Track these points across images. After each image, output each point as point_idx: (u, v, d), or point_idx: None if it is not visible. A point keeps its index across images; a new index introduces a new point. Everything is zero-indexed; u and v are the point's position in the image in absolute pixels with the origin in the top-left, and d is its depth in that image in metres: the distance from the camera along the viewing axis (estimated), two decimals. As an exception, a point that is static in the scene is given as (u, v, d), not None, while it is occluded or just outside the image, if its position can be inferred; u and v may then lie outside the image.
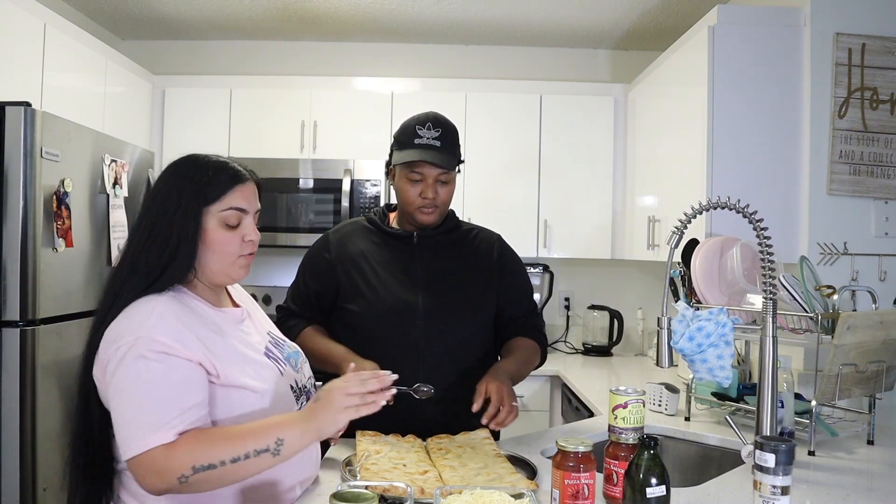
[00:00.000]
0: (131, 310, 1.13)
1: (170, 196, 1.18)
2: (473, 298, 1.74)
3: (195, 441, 1.07)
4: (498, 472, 1.31)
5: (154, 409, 1.06)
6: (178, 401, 1.08)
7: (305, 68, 3.79)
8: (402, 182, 1.68)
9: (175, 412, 1.07)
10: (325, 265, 1.75)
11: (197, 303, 1.22)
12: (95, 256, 2.38)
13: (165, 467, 1.04)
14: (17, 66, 2.38)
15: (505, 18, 3.42)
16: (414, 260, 1.73)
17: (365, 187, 3.28)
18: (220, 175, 1.20)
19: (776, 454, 1.11)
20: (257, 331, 1.32)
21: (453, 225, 1.80)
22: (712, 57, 2.37)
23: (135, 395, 1.08)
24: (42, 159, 2.06)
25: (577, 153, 3.43)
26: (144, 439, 1.05)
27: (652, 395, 2.02)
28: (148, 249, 1.17)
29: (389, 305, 1.67)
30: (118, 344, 1.10)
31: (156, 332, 1.09)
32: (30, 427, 2.01)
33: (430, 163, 1.63)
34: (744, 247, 1.94)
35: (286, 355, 1.33)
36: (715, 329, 1.49)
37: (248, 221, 1.24)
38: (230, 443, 1.08)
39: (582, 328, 3.65)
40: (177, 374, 1.09)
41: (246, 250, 1.24)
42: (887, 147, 2.29)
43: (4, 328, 2.00)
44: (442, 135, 1.66)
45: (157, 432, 1.05)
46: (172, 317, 1.13)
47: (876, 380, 1.69)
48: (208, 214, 1.19)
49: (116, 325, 1.13)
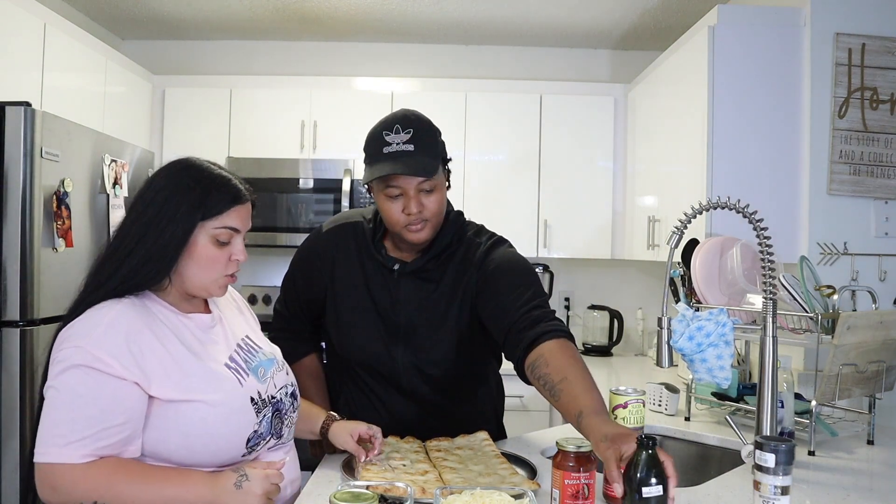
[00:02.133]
0: (88, 314, 1.12)
1: (167, 204, 1.15)
2: (459, 331, 1.54)
3: (110, 475, 1.05)
4: (499, 472, 1.31)
5: (70, 423, 1.05)
6: (98, 419, 1.05)
7: (305, 68, 3.79)
8: (380, 200, 1.46)
9: (91, 431, 1.05)
10: (316, 273, 1.62)
11: (160, 308, 1.19)
12: (95, 256, 2.38)
13: (67, 488, 1.04)
14: (17, 66, 2.38)
15: (505, 18, 3.42)
16: (395, 296, 1.54)
17: (365, 187, 3.27)
18: (221, 192, 1.18)
19: (776, 454, 1.11)
20: (225, 338, 1.26)
21: (441, 247, 1.53)
22: (712, 57, 2.37)
23: (59, 402, 1.06)
24: (42, 159, 2.06)
25: (577, 153, 3.43)
26: (52, 451, 1.04)
27: (652, 395, 2.02)
28: (135, 254, 1.15)
29: (367, 343, 1.55)
30: (62, 347, 1.10)
31: (95, 347, 1.07)
32: (30, 427, 2.00)
33: (404, 174, 1.40)
34: (744, 247, 1.94)
35: (255, 364, 1.26)
36: (715, 329, 1.49)
37: (238, 241, 1.22)
38: (143, 488, 1.07)
39: (582, 328, 3.65)
40: (105, 392, 1.06)
41: (230, 270, 1.22)
42: (887, 147, 2.29)
43: (4, 328, 2.00)
44: (414, 136, 1.42)
45: (66, 448, 1.04)
46: (122, 329, 1.10)
47: (876, 380, 1.69)
48: (202, 229, 1.17)
49: (72, 325, 1.12)
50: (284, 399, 1.28)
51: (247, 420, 1.18)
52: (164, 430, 1.12)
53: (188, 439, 1.12)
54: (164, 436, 1.12)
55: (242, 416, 1.17)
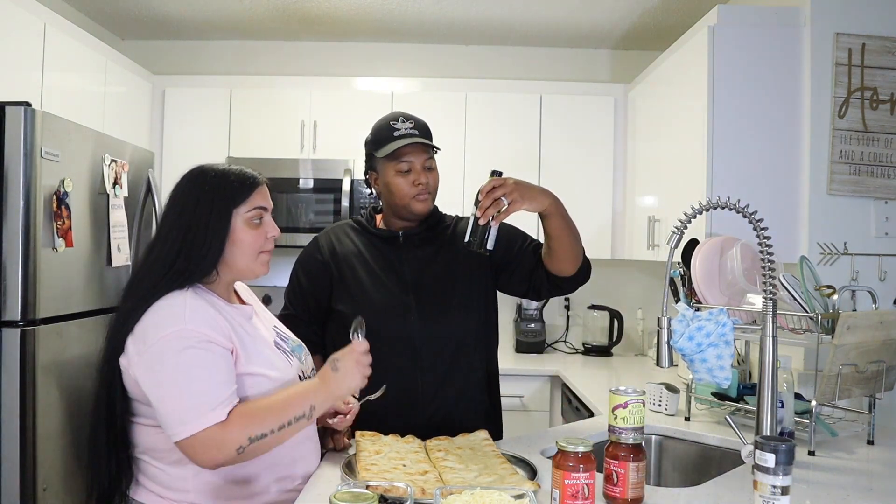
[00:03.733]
0: (161, 304, 1.24)
1: (200, 205, 1.29)
2: (464, 291, 1.75)
3: (246, 416, 1.20)
4: (499, 472, 1.31)
5: (206, 392, 1.18)
6: (226, 384, 1.21)
7: (305, 68, 3.79)
8: (389, 177, 1.69)
9: (225, 394, 1.20)
10: (318, 266, 1.77)
11: (214, 299, 1.32)
12: (95, 256, 2.38)
13: (224, 441, 1.17)
14: (17, 66, 2.38)
15: (505, 18, 3.42)
16: (402, 259, 1.74)
17: (365, 187, 3.28)
18: (240, 180, 1.33)
19: (776, 454, 1.11)
20: (265, 326, 1.43)
21: (436, 220, 1.81)
22: (712, 57, 2.37)
23: (185, 380, 1.19)
24: (42, 159, 2.06)
25: (577, 153, 3.43)
26: (200, 420, 1.17)
27: (652, 395, 2.02)
28: (184, 253, 1.27)
29: (382, 305, 1.68)
30: (158, 336, 1.20)
31: (196, 324, 1.22)
32: (30, 427, 2.01)
33: (419, 143, 1.66)
34: (744, 247, 1.94)
35: (291, 348, 1.44)
36: (715, 329, 1.49)
37: (268, 219, 1.37)
38: (274, 413, 1.22)
39: (582, 328, 3.65)
40: (221, 361, 1.22)
41: (268, 246, 1.37)
42: (887, 147, 2.29)
43: (4, 328, 2.00)
44: (416, 126, 1.70)
45: (212, 412, 1.17)
46: (203, 309, 1.25)
47: (876, 380, 1.69)
48: (237, 216, 1.31)
49: (149, 318, 1.23)
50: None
51: None
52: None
53: None
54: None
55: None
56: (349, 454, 1.45)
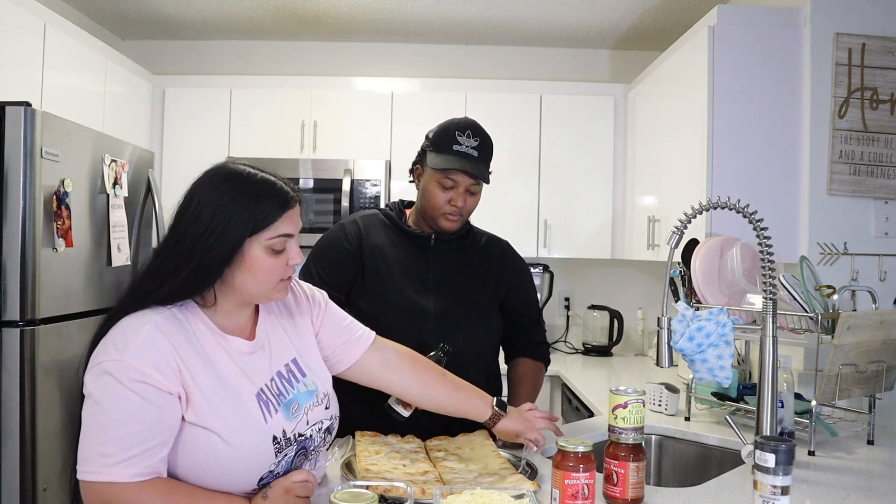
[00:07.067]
0: (124, 323, 1.10)
1: (213, 222, 1.10)
2: (483, 305, 1.75)
3: (164, 496, 1.04)
4: (499, 472, 1.31)
5: (117, 441, 1.03)
6: (146, 438, 1.04)
7: (305, 68, 3.79)
8: (431, 185, 1.67)
9: (139, 448, 1.03)
10: (346, 255, 1.69)
11: (200, 325, 1.15)
12: (95, 256, 2.38)
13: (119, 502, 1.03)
14: (17, 66, 2.38)
15: (505, 18, 3.42)
16: (428, 262, 1.73)
17: (365, 187, 3.28)
18: (269, 200, 1.13)
19: (776, 454, 1.11)
20: (264, 366, 1.20)
21: (466, 230, 1.81)
22: (712, 57, 2.37)
23: (103, 418, 1.04)
24: (42, 159, 2.06)
25: (577, 153, 3.44)
26: (101, 471, 1.02)
27: (652, 395, 2.02)
28: (180, 271, 1.11)
29: (402, 306, 1.67)
30: (96, 360, 1.07)
31: (138, 360, 1.05)
32: (30, 427, 2.01)
33: (467, 172, 1.63)
34: (744, 247, 1.94)
35: (290, 398, 1.19)
36: (715, 329, 1.49)
37: (292, 245, 1.17)
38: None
39: (582, 328, 3.65)
40: (148, 409, 1.04)
41: (287, 274, 1.19)
42: (887, 147, 2.29)
43: (4, 328, 2.00)
44: (480, 145, 1.67)
45: (115, 466, 1.02)
46: (159, 341, 1.08)
47: (876, 380, 1.69)
48: (255, 242, 1.12)
49: (109, 335, 1.10)
50: (315, 436, 1.22)
51: (263, 461, 1.13)
52: (174, 451, 1.09)
53: (197, 469, 1.10)
54: (173, 457, 1.09)
55: (259, 458, 1.13)
56: (349, 454, 1.45)
